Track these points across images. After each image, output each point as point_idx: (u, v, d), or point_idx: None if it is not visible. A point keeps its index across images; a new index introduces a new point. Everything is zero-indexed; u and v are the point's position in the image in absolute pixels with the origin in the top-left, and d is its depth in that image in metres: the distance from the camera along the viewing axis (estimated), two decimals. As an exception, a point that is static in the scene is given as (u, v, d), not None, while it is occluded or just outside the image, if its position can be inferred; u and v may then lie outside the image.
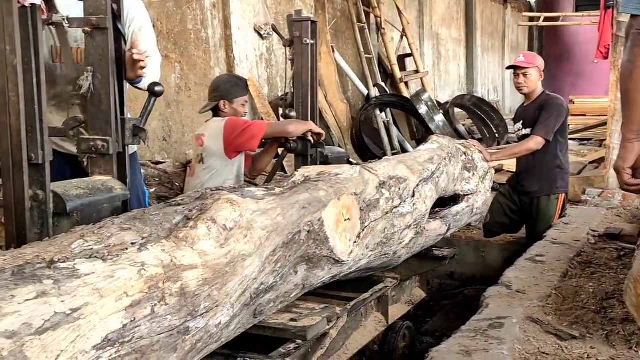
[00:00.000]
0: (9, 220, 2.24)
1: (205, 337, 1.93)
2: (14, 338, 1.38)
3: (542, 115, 4.88)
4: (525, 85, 4.98)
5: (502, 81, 20.12)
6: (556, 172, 5.02)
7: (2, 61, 2.20)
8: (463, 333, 2.65)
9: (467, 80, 17.45)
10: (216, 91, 4.05)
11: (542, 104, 4.94)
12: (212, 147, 3.85)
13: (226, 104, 3.98)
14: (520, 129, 5.12)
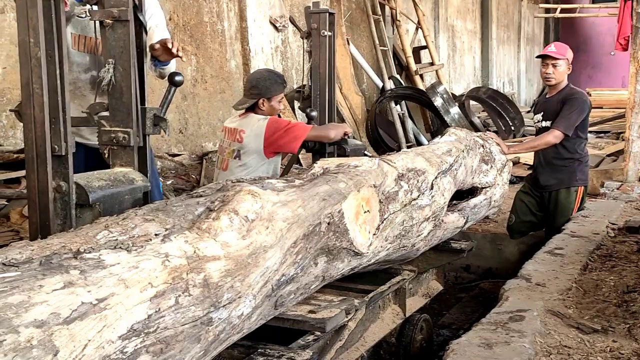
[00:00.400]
0: (32, 211, 2.26)
1: (227, 328, 1.94)
2: (43, 327, 1.39)
3: (564, 109, 4.82)
4: (553, 77, 4.90)
5: (517, 73, 20.00)
6: (575, 165, 4.97)
7: (26, 53, 2.21)
8: (484, 325, 2.65)
9: (482, 73, 17.36)
10: (255, 88, 3.96)
11: (566, 97, 4.88)
12: (251, 145, 3.81)
13: (264, 102, 3.92)
14: (540, 120, 5.07)
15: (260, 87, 3.95)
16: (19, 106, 2.32)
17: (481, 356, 2.32)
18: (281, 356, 2.33)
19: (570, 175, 4.98)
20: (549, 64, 4.88)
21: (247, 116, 3.99)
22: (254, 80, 4.04)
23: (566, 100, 4.84)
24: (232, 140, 3.94)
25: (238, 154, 3.88)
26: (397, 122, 9.56)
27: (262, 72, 4.20)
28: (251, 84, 4.03)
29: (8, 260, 1.50)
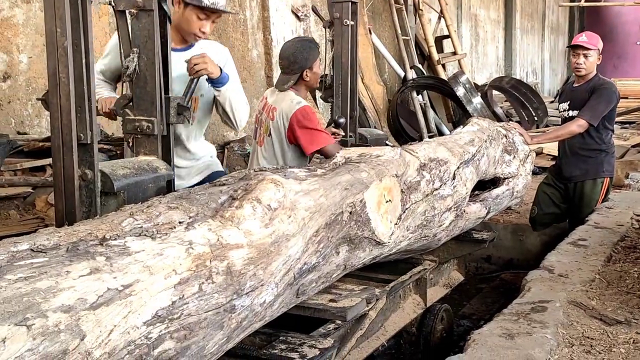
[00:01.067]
0: (58, 199, 2.29)
1: (250, 316, 1.96)
2: (71, 312, 1.41)
3: (591, 99, 4.75)
4: (584, 67, 4.83)
5: (541, 63, 19.80)
6: (602, 156, 4.92)
7: (52, 43, 2.23)
8: (505, 316, 2.64)
9: (505, 62, 17.21)
10: (295, 63, 3.84)
11: (594, 87, 4.81)
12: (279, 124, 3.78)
13: (308, 72, 3.87)
14: (566, 109, 5.00)
15: (299, 60, 3.86)
16: (45, 95, 2.35)
17: (502, 346, 2.32)
18: (302, 344, 2.34)
19: (596, 166, 4.93)
20: (580, 54, 4.81)
21: (286, 93, 3.88)
22: (292, 56, 3.89)
23: (595, 90, 4.78)
24: (267, 116, 3.90)
25: (270, 132, 3.85)
26: (419, 112, 9.51)
27: (295, 45, 4.02)
28: (289, 60, 3.90)
29: (36, 247, 1.53)
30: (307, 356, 2.24)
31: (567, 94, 5.10)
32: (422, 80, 9.77)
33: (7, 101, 5.11)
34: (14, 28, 5.12)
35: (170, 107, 2.67)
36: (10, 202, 4.28)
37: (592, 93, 4.77)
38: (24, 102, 5.18)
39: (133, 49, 2.63)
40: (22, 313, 1.33)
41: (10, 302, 1.34)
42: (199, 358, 1.77)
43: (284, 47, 4.02)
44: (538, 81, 19.06)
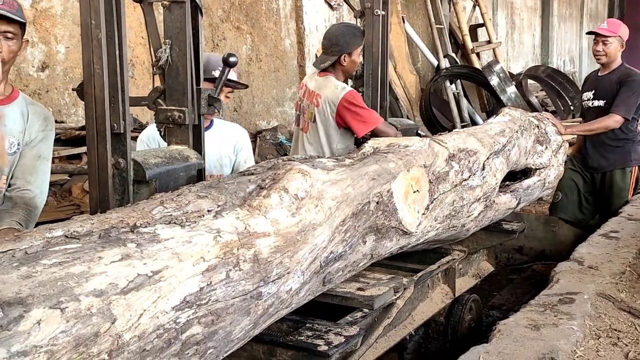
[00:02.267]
0: (92, 187, 2.36)
1: (276, 303, 2.00)
2: (102, 296, 1.47)
3: (622, 92, 4.69)
4: (604, 54, 4.77)
5: (579, 52, 19.46)
6: (629, 145, 4.86)
7: (87, 35, 2.29)
8: (532, 307, 2.65)
9: (541, 51, 16.96)
10: (336, 45, 3.89)
11: (623, 78, 4.74)
12: (326, 110, 3.81)
13: (346, 57, 3.90)
14: (591, 98, 4.94)
15: (341, 43, 3.89)
16: (80, 85, 2.41)
17: (527, 337, 2.33)
18: (328, 331, 2.38)
19: (624, 155, 4.87)
20: (600, 42, 4.76)
21: (326, 78, 3.92)
22: (334, 38, 3.94)
23: (623, 82, 4.71)
24: (310, 103, 3.93)
25: (314, 118, 3.88)
26: (452, 101, 9.46)
27: (340, 28, 4.08)
28: (331, 41, 3.94)
29: (70, 233, 1.58)
30: (333, 343, 2.27)
31: (592, 83, 5.03)
32: (455, 69, 9.70)
33: (45, 90, 5.24)
34: (52, 19, 5.23)
35: (202, 98, 2.72)
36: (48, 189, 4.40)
37: (620, 85, 4.70)
38: (62, 92, 5.30)
39: (165, 40, 2.68)
40: (56, 297, 1.39)
41: (45, 286, 1.39)
42: (226, 343, 1.82)
43: (330, 28, 4.07)
44: (575, 70, 18.74)
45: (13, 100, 2.65)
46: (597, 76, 5.03)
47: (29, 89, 5.08)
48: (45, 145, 2.73)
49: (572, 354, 2.20)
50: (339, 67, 3.88)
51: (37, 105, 2.81)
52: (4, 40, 2.47)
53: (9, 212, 2.53)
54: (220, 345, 1.79)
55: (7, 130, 2.59)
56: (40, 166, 2.69)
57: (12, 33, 2.49)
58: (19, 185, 2.62)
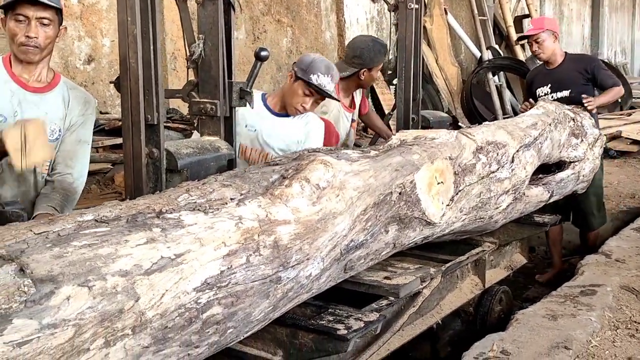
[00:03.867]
0: (128, 175, 2.49)
1: (296, 287, 2.09)
2: (127, 276, 1.59)
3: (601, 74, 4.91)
4: (541, 51, 4.92)
5: (631, 42, 18.99)
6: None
7: (123, 31, 2.42)
8: (552, 298, 2.68)
9: (591, 42, 16.62)
10: (358, 58, 3.95)
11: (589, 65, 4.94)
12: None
13: (365, 72, 3.94)
14: (548, 92, 5.00)
15: (364, 57, 3.93)
16: (117, 79, 2.54)
17: (544, 326, 2.37)
18: (349, 316, 2.46)
19: None
20: (532, 42, 4.91)
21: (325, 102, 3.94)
22: (358, 50, 3.97)
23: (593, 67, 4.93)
24: None
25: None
26: (494, 93, 9.40)
27: (367, 41, 4.09)
28: (354, 52, 3.98)
29: (100, 217, 1.70)
30: (352, 328, 2.35)
31: (544, 77, 5.06)
32: (498, 61, 9.63)
33: (91, 82, 5.44)
34: (98, 13, 5.42)
35: (233, 91, 2.83)
36: (91, 178, 4.59)
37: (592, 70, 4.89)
38: (106, 84, 5.50)
39: (199, 35, 2.80)
40: (84, 275, 1.51)
41: (74, 265, 1.52)
42: (245, 324, 1.92)
43: (356, 38, 4.09)
44: (627, 61, 18.30)
45: (54, 86, 2.73)
46: (546, 70, 5.09)
47: (75, 81, 5.28)
48: (85, 129, 2.80)
49: (586, 344, 2.23)
50: (355, 80, 3.92)
51: (78, 89, 2.87)
52: (40, 26, 2.54)
53: (48, 196, 2.65)
54: (240, 325, 1.90)
55: (49, 117, 2.67)
56: (80, 150, 2.78)
57: (48, 19, 2.56)
58: (60, 170, 2.73)
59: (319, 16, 7.41)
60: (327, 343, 2.35)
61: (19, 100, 2.62)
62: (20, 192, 2.68)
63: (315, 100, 3.28)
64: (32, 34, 2.53)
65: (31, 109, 2.63)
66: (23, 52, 2.57)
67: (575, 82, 4.87)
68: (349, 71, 3.93)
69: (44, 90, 2.69)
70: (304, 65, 3.21)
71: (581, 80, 4.90)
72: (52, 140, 2.67)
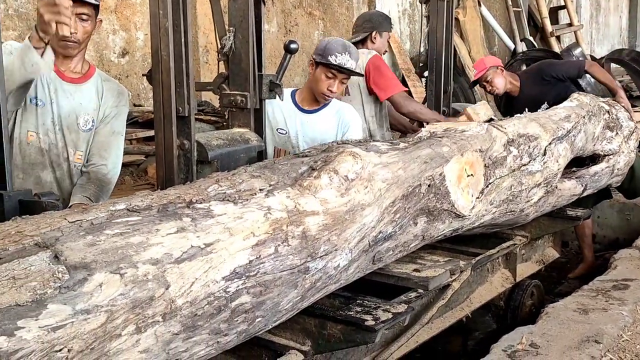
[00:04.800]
0: (159, 167, 2.53)
1: (324, 278, 2.11)
2: (158, 265, 1.62)
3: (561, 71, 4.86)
4: (496, 88, 4.85)
5: (670, 34, 18.54)
6: None
7: (155, 24, 2.46)
8: (584, 292, 2.66)
9: (629, 34, 16.29)
10: (369, 22, 4.06)
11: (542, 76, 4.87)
12: (355, 78, 3.92)
13: (377, 35, 4.03)
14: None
15: (374, 20, 4.06)
16: (150, 72, 2.58)
17: (574, 320, 2.35)
18: (377, 307, 2.47)
19: None
20: (485, 85, 4.85)
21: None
22: (367, 15, 4.18)
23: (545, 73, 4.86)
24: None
25: (347, 89, 3.97)
26: (528, 86, 9.27)
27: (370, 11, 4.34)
28: (364, 18, 4.14)
29: (131, 207, 1.74)
30: (380, 319, 2.36)
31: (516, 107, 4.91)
32: (532, 53, 9.48)
33: (125, 75, 5.52)
34: (132, 7, 5.49)
35: (263, 84, 2.85)
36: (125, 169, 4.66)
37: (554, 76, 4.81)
38: (140, 77, 5.57)
39: (230, 29, 2.83)
40: (116, 263, 1.55)
41: (107, 253, 1.55)
42: (273, 313, 1.94)
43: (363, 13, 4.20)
44: (666, 53, 17.88)
45: (88, 78, 2.79)
46: (514, 101, 5.01)
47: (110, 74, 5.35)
48: (119, 121, 2.85)
49: (617, 338, 2.21)
50: (369, 44, 3.99)
51: (112, 81, 2.93)
52: (79, 21, 2.59)
53: (83, 186, 2.71)
54: (268, 314, 1.92)
55: (83, 108, 2.73)
56: (114, 142, 2.84)
57: (87, 15, 2.61)
58: (95, 161, 2.79)
59: (350, 9, 7.39)
60: (355, 334, 2.36)
61: (55, 88, 2.68)
62: (56, 178, 2.75)
63: (341, 80, 3.29)
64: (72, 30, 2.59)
65: (66, 98, 2.69)
66: (63, 47, 2.62)
67: (544, 93, 4.78)
68: (361, 35, 4.02)
69: (79, 81, 2.74)
70: (320, 50, 3.24)
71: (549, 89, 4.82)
72: (85, 131, 2.73)
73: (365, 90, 3.91)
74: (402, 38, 8.12)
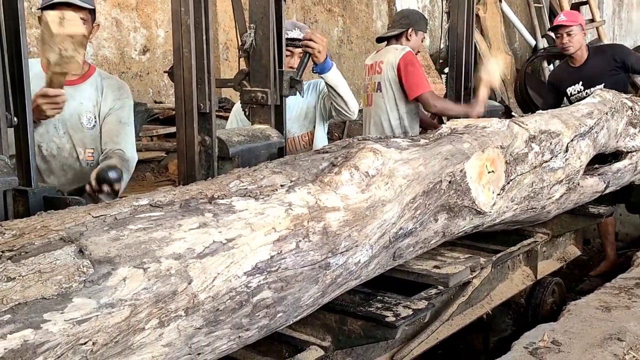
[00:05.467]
0: (181, 163, 2.55)
1: (344, 273, 2.11)
2: (180, 259, 1.63)
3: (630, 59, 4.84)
4: (571, 45, 4.84)
5: (696, 30, 18.27)
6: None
7: (177, 21, 2.47)
8: (606, 289, 2.64)
9: (653, 29, 16.05)
10: (406, 18, 4.06)
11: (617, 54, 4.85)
12: (389, 74, 3.92)
13: (413, 33, 4.02)
14: (582, 90, 4.85)
15: (411, 17, 4.05)
16: (171, 68, 2.60)
17: (597, 318, 2.33)
18: (398, 304, 2.47)
19: None
20: (563, 34, 4.82)
21: (386, 48, 4.07)
22: (406, 11, 4.16)
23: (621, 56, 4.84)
24: (373, 74, 4.03)
25: (379, 86, 3.98)
26: (549, 82, 9.20)
27: (411, 9, 4.29)
28: (402, 14, 4.14)
29: (154, 202, 1.75)
30: (400, 315, 2.36)
31: (573, 76, 4.91)
32: (553, 49, 9.39)
33: (146, 72, 5.56)
34: (153, 5, 5.53)
35: (284, 80, 2.86)
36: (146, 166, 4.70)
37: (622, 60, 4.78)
38: (161, 74, 5.61)
39: (250, 25, 2.84)
40: (140, 258, 1.56)
41: (130, 248, 1.57)
42: (295, 308, 1.95)
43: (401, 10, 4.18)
44: (690, 49, 17.64)
45: (87, 78, 2.85)
46: (572, 68, 4.98)
47: (131, 71, 5.41)
48: (124, 112, 2.90)
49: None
50: (403, 41, 3.97)
51: (112, 78, 2.98)
52: None
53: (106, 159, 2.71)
54: (290, 310, 1.93)
55: (84, 107, 2.79)
56: (122, 130, 2.86)
57: (83, 19, 2.65)
58: (110, 147, 2.81)
59: (370, 5, 7.38)
60: (376, 330, 2.37)
61: None
62: (67, 181, 2.78)
63: (298, 55, 3.32)
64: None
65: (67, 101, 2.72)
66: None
67: (605, 74, 4.79)
68: (397, 30, 4.01)
69: (77, 82, 2.81)
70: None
71: (611, 71, 4.83)
72: (89, 129, 2.79)
73: (397, 87, 3.90)
74: (422, 34, 8.08)
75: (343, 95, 3.25)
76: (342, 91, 3.24)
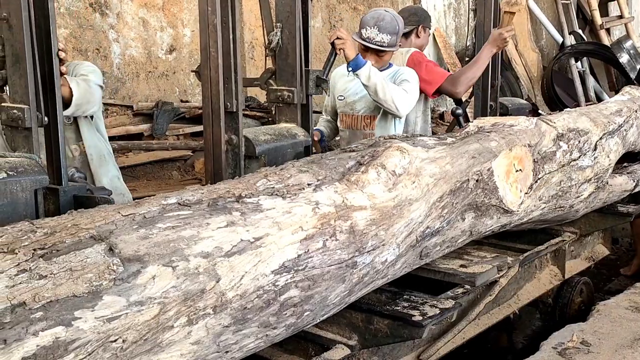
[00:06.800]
0: (208, 161, 2.57)
1: (371, 272, 2.11)
2: (209, 258, 1.64)
3: None
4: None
5: None
6: None
7: (204, 21, 2.49)
8: (636, 290, 2.60)
9: (682, 26, 15.77)
10: (415, 15, 4.02)
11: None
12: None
13: (422, 30, 4.01)
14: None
15: (419, 14, 4.03)
16: (198, 67, 2.62)
17: (626, 318, 2.30)
18: (424, 303, 2.46)
19: None
20: None
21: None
22: (413, 9, 4.14)
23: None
24: None
25: None
26: (577, 79, 9.08)
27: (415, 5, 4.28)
28: (410, 11, 4.09)
29: (182, 201, 1.77)
30: (427, 314, 2.35)
31: None
32: (581, 47, 9.29)
33: (172, 72, 5.60)
34: (179, 4, 5.57)
35: (310, 79, 2.87)
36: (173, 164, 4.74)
37: None
38: (187, 73, 5.65)
39: (277, 24, 2.85)
40: (169, 256, 1.58)
41: (159, 246, 1.58)
42: (322, 307, 1.95)
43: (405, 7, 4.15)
44: None
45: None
46: None
47: (157, 70, 5.46)
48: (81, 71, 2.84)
49: (672, 337, 2.16)
50: (413, 39, 3.94)
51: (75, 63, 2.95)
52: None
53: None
54: (316, 308, 1.93)
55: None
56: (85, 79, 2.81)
57: None
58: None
59: (395, 3, 7.35)
60: (402, 329, 2.36)
61: None
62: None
63: (374, 54, 3.31)
64: None
65: None
66: None
67: None
68: (407, 28, 3.96)
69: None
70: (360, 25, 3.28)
71: None
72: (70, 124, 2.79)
73: None
74: (448, 32, 8.04)
75: (378, 92, 3.24)
76: (374, 89, 3.23)
